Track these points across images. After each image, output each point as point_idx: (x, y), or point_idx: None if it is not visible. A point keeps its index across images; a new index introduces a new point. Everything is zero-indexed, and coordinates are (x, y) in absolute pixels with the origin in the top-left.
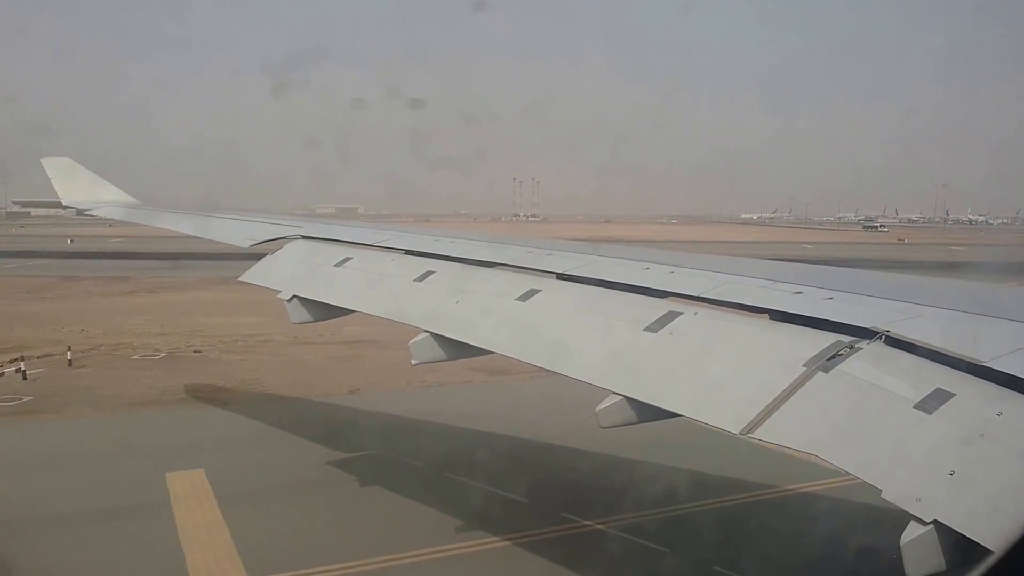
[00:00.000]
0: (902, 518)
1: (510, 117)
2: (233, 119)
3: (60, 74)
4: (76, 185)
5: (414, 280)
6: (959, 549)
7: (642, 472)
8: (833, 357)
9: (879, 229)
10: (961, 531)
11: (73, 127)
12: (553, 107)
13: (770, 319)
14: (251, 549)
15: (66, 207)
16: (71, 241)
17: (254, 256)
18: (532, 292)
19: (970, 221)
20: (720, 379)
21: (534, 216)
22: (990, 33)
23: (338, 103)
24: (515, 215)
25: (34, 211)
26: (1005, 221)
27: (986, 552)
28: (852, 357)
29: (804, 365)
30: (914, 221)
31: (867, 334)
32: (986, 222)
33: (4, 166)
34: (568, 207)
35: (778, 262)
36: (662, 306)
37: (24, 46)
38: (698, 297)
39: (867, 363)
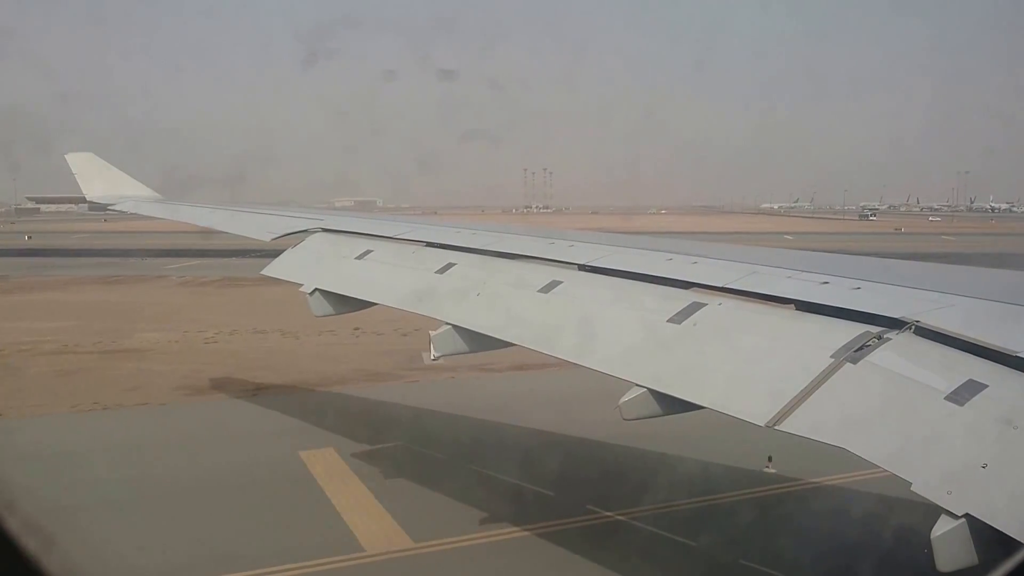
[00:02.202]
0: (933, 512)
1: (520, 105)
2: (237, 117)
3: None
4: (99, 180)
5: (435, 272)
6: (991, 543)
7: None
8: (861, 348)
9: (870, 218)
10: (994, 525)
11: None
12: (562, 94)
13: (796, 309)
14: None
15: (88, 202)
16: (28, 238)
17: (207, 253)
18: (554, 283)
19: (992, 209)
20: (745, 371)
21: (546, 208)
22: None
23: (344, 89)
24: (527, 207)
25: (44, 207)
26: None
27: (1020, 547)
28: (881, 348)
29: (832, 356)
30: (936, 209)
31: (896, 324)
32: (1010, 210)
33: (15, 161)
34: (582, 198)
35: (804, 251)
36: (686, 297)
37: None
38: (722, 288)
39: (896, 354)
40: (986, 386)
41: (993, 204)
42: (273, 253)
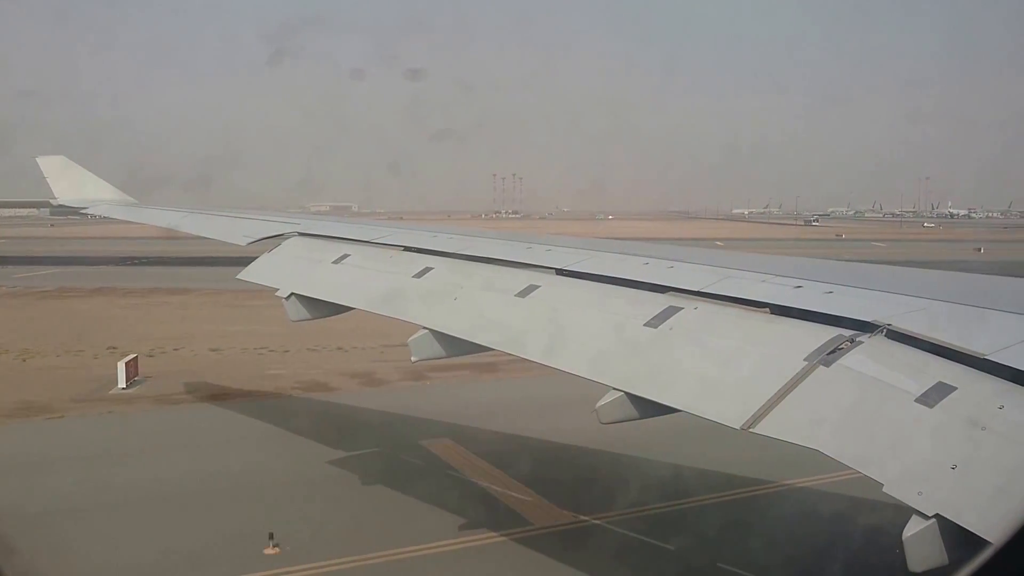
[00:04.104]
0: (904, 512)
1: (491, 111)
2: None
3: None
4: (71, 183)
5: (412, 276)
6: (961, 543)
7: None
8: (834, 351)
9: (813, 224)
10: (963, 525)
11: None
12: (533, 99)
13: (771, 313)
14: None
15: (51, 206)
16: None
17: (86, 261)
18: (531, 288)
19: (951, 215)
20: (721, 374)
21: (515, 213)
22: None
23: (317, 94)
24: (495, 212)
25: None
26: (990, 215)
27: (989, 545)
28: (853, 351)
29: (805, 359)
30: (897, 215)
31: (868, 328)
32: (968, 216)
33: None
34: (553, 204)
35: (778, 256)
36: (662, 301)
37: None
38: (698, 292)
39: (868, 357)
40: (955, 388)
41: (952, 210)
42: (199, 260)
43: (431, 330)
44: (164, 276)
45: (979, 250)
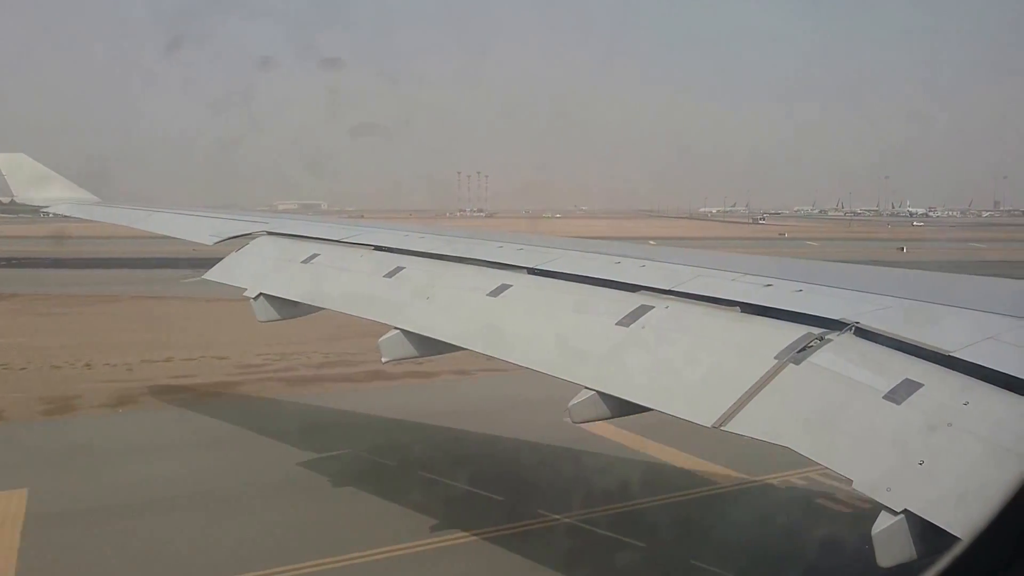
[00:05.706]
0: (873, 508)
1: (449, 104)
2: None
3: None
4: (31, 181)
5: (383, 276)
6: (929, 538)
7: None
8: (803, 349)
9: (760, 222)
10: (931, 520)
11: None
12: (493, 93)
13: (741, 312)
14: None
15: (8, 203)
16: None
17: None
18: (503, 287)
19: (909, 213)
20: (692, 372)
21: (480, 211)
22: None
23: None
24: (460, 210)
25: None
26: (951, 213)
27: (956, 540)
28: (822, 349)
29: (775, 357)
30: (858, 214)
31: (837, 326)
32: (925, 215)
33: None
34: (516, 201)
35: (749, 255)
36: (634, 300)
37: None
38: (669, 291)
39: (837, 355)
40: (921, 385)
41: (911, 209)
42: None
43: (402, 330)
44: (12, 280)
45: (902, 249)
